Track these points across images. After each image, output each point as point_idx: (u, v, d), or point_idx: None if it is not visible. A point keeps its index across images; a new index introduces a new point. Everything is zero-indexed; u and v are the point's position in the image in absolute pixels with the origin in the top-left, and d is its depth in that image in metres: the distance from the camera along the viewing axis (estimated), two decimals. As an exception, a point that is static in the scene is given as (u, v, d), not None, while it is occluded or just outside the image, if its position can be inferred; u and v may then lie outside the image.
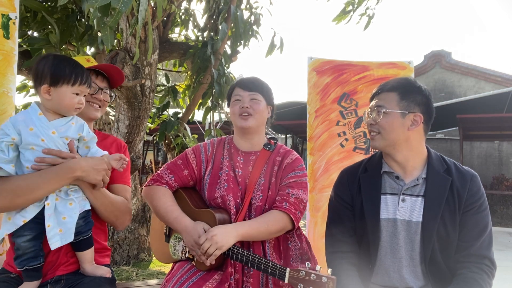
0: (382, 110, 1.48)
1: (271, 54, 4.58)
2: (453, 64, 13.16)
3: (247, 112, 1.69)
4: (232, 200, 1.61)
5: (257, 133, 1.75)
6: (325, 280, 1.26)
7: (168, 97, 4.87)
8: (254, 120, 1.69)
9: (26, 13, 3.64)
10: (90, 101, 1.63)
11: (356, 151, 3.08)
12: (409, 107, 1.47)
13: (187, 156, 1.75)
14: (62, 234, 1.39)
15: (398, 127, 1.46)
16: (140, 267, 4.18)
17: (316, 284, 1.27)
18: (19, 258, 1.38)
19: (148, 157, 13.87)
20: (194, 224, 1.54)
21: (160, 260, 1.84)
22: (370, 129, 1.53)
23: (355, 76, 3.16)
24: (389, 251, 1.48)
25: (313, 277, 1.28)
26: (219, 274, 1.56)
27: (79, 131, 1.45)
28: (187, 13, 4.90)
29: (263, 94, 1.74)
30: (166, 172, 1.73)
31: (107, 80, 1.71)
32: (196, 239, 1.48)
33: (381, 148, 1.53)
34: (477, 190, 1.44)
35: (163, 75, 5.53)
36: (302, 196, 1.63)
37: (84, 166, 1.41)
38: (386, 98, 1.50)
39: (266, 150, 1.73)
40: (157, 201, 1.65)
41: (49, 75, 1.38)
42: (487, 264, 1.37)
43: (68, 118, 1.45)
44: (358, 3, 4.88)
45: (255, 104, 1.70)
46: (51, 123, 1.40)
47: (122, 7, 1.69)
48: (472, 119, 8.63)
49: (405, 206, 1.47)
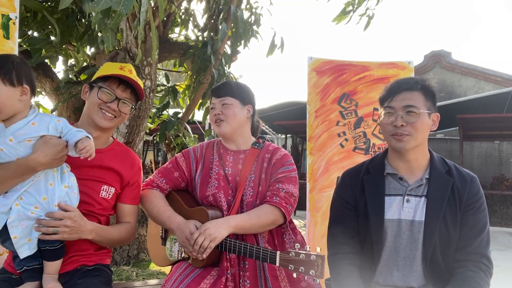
0: (415, 111, 1.44)
1: (271, 54, 4.59)
2: (453, 64, 13.16)
3: (219, 118, 1.72)
4: (223, 197, 1.65)
5: (238, 135, 1.77)
6: (314, 258, 1.29)
7: (168, 97, 4.87)
8: (227, 125, 1.72)
9: (26, 13, 3.64)
10: (103, 108, 1.57)
11: (356, 151, 3.08)
12: (432, 107, 1.48)
13: (177, 159, 1.81)
14: (30, 244, 1.37)
15: (427, 128, 1.47)
16: (140, 267, 4.18)
17: (306, 263, 1.31)
18: (17, 259, 1.38)
19: (148, 157, 13.88)
20: (186, 222, 1.58)
21: (158, 264, 1.87)
22: (400, 131, 1.45)
23: (355, 76, 3.15)
24: (393, 251, 1.49)
25: (302, 256, 1.31)
26: (216, 270, 1.59)
27: (42, 131, 1.37)
28: (187, 13, 4.91)
29: (234, 96, 1.75)
30: (157, 176, 1.79)
31: (132, 92, 1.63)
32: (188, 235, 1.51)
33: (409, 149, 1.47)
34: (477, 191, 1.47)
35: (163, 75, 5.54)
36: (292, 190, 1.67)
37: (43, 161, 1.33)
38: (414, 98, 1.46)
39: (254, 148, 1.76)
40: (149, 204, 1.70)
41: None
42: (485, 263, 1.39)
43: (26, 120, 1.36)
44: (358, 3, 4.88)
45: (225, 109, 1.72)
46: (8, 129, 1.34)
47: (122, 10, 1.70)
48: (472, 119, 8.63)
49: (409, 206, 1.49)
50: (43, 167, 1.36)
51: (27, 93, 1.35)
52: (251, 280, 1.58)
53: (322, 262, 1.28)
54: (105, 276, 1.58)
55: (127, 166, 1.68)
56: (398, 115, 1.45)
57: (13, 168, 1.32)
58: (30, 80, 1.37)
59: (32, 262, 1.39)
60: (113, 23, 1.73)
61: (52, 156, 1.35)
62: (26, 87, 1.35)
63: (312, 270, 1.29)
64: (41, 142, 1.35)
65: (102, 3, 1.67)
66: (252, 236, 1.64)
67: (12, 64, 1.33)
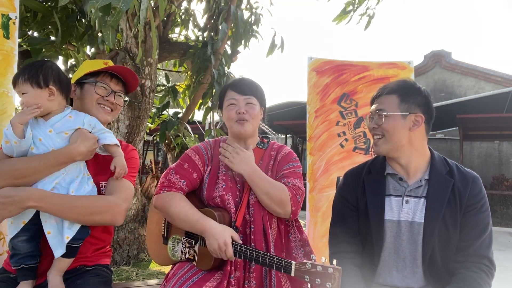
0: (383, 114, 1.49)
1: (272, 54, 4.59)
2: (453, 64, 13.16)
3: (244, 118, 1.67)
4: (231, 198, 1.61)
5: (252, 137, 1.75)
6: (331, 271, 1.29)
7: (168, 97, 4.88)
8: (251, 126, 1.69)
9: (26, 13, 3.64)
10: (101, 103, 1.60)
11: (356, 151, 3.08)
12: (410, 109, 1.49)
13: (192, 158, 1.71)
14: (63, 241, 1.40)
15: (400, 129, 1.48)
16: (140, 267, 4.18)
17: (323, 275, 1.30)
18: (16, 256, 1.39)
19: (148, 157, 13.88)
20: (223, 228, 1.51)
21: (158, 262, 1.84)
22: (373, 133, 1.55)
23: (355, 76, 3.16)
24: (392, 252, 1.49)
25: (319, 268, 1.31)
26: (219, 273, 1.55)
27: (78, 124, 1.49)
28: (187, 13, 4.91)
29: (257, 97, 1.72)
30: (176, 177, 1.66)
31: (122, 84, 1.69)
32: (221, 245, 1.47)
33: (385, 153, 1.54)
34: (479, 191, 1.46)
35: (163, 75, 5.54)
36: (298, 184, 1.66)
37: (82, 150, 1.44)
38: (386, 101, 1.52)
39: (259, 148, 1.74)
40: (175, 207, 1.58)
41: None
42: (486, 264, 1.39)
43: (64, 114, 1.49)
44: (358, 3, 4.89)
45: (251, 109, 1.68)
46: (48, 122, 1.46)
47: (122, 6, 1.70)
48: (472, 119, 8.63)
49: (409, 207, 1.49)
50: (81, 157, 1.45)
51: (55, 93, 1.46)
52: (257, 280, 1.55)
53: (339, 275, 1.28)
54: (105, 276, 1.57)
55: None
56: (372, 118, 1.54)
57: (52, 156, 1.40)
58: (58, 81, 1.48)
59: (30, 261, 1.39)
60: (113, 20, 1.73)
61: (88, 148, 1.46)
62: (53, 88, 1.45)
63: (329, 282, 1.29)
64: (78, 134, 1.47)
65: (101, 0, 1.67)
66: (261, 232, 1.59)
67: (41, 68, 1.46)
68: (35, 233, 1.39)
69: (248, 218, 1.61)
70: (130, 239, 4.39)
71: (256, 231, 1.59)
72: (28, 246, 1.38)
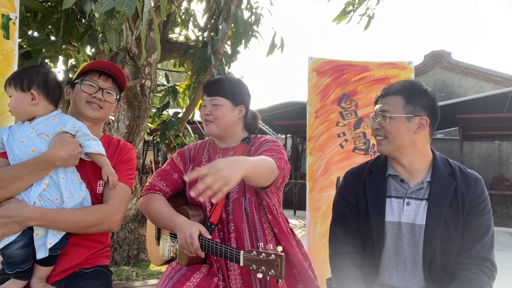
0: (387, 115, 1.46)
1: (272, 54, 4.59)
2: (453, 64, 13.15)
3: (207, 119, 1.68)
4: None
5: (228, 136, 1.73)
6: (273, 257, 1.23)
7: (168, 97, 4.88)
8: (215, 126, 1.67)
9: (26, 13, 3.64)
10: (89, 101, 1.60)
11: (356, 152, 3.08)
12: (415, 111, 1.46)
13: (174, 160, 1.79)
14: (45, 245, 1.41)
15: (404, 132, 1.45)
16: (140, 267, 4.18)
17: (266, 263, 1.25)
18: (10, 263, 1.39)
19: (148, 157, 13.87)
20: (190, 223, 1.52)
21: (155, 263, 1.89)
22: (376, 133, 1.51)
23: (355, 77, 3.15)
24: (393, 254, 1.48)
25: (263, 256, 1.26)
26: (205, 266, 1.58)
27: (60, 126, 1.48)
28: (187, 13, 4.91)
29: (226, 96, 1.68)
30: (157, 179, 1.74)
31: (113, 82, 1.67)
32: (188, 238, 1.47)
33: (387, 153, 1.52)
34: (481, 193, 1.44)
35: (163, 75, 5.54)
36: (279, 154, 1.55)
37: (61, 155, 1.42)
38: (391, 102, 1.48)
39: (244, 144, 1.71)
40: (151, 207, 1.66)
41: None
42: (488, 266, 1.37)
43: (48, 116, 1.49)
44: (358, 3, 4.89)
45: (215, 110, 1.67)
46: (31, 124, 1.47)
47: (126, 10, 1.70)
48: (472, 119, 8.63)
49: (410, 209, 1.47)
50: (61, 162, 1.42)
51: (37, 98, 1.46)
52: (243, 276, 1.55)
53: (281, 262, 1.21)
54: (105, 278, 1.57)
55: (117, 153, 1.67)
56: (375, 119, 1.51)
57: (31, 164, 1.39)
58: (44, 86, 1.49)
59: (24, 265, 1.40)
60: (117, 24, 1.74)
61: (68, 152, 1.43)
62: (34, 92, 1.46)
63: (272, 270, 1.22)
64: (57, 139, 1.45)
65: (106, 4, 1.67)
66: (242, 229, 1.57)
67: (27, 73, 1.48)
68: (31, 237, 1.40)
69: (225, 216, 1.61)
70: (130, 239, 4.39)
71: (237, 229, 1.59)
72: (22, 253, 1.39)
